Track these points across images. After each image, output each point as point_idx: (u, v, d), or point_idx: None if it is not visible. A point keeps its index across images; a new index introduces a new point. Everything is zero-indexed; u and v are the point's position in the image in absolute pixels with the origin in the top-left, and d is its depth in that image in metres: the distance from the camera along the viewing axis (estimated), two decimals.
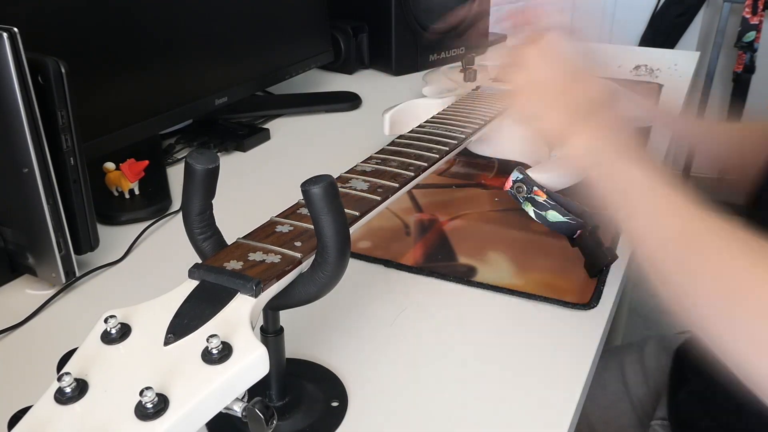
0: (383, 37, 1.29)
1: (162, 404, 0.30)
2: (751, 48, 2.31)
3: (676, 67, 1.33)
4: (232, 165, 0.93)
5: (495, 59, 0.76)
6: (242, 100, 1.04)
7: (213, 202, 0.43)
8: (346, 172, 0.57)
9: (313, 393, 0.51)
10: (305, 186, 0.38)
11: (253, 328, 0.36)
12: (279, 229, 0.46)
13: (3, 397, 0.51)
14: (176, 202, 0.82)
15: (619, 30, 2.80)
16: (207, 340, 0.33)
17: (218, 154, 0.95)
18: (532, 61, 0.59)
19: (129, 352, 0.34)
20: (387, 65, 1.31)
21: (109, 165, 0.82)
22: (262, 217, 0.48)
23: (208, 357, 0.33)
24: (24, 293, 0.65)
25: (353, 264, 0.67)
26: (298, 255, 0.42)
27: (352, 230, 0.45)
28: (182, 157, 0.96)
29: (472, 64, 1.08)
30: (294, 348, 0.54)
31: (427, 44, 1.32)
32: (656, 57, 1.39)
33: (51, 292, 0.64)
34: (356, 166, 0.59)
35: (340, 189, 0.50)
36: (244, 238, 0.44)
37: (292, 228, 0.46)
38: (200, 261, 0.42)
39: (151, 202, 0.81)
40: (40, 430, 0.29)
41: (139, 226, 0.76)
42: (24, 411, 0.30)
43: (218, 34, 0.97)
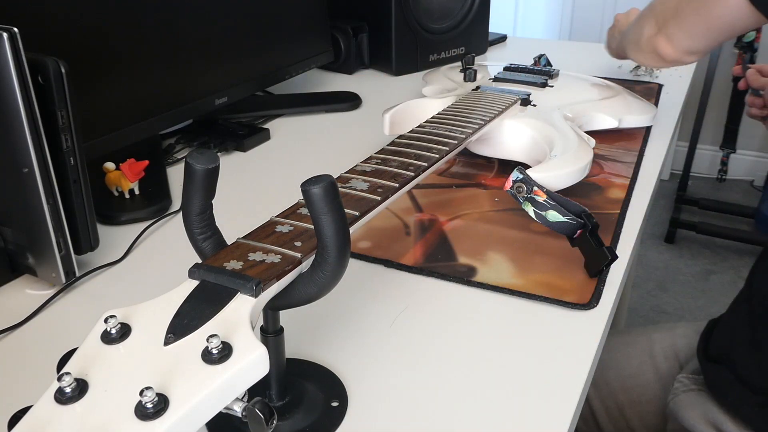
0: (383, 37, 1.29)
1: (162, 404, 0.30)
2: (751, 48, 2.31)
3: (676, 67, 1.33)
4: (232, 165, 0.93)
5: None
6: (242, 100, 1.04)
7: (213, 202, 0.43)
8: (346, 172, 0.57)
9: (313, 393, 0.51)
10: (305, 186, 0.38)
11: (253, 328, 0.36)
12: (279, 229, 0.46)
13: (3, 397, 0.51)
14: (176, 202, 0.82)
15: None
16: (207, 340, 0.33)
17: (218, 154, 0.95)
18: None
19: (129, 352, 0.34)
20: (387, 65, 1.31)
21: (109, 165, 0.82)
22: (262, 217, 0.48)
23: (208, 357, 0.33)
24: (24, 293, 0.65)
25: (353, 264, 0.67)
26: (298, 255, 0.42)
27: (352, 230, 0.46)
28: (182, 157, 0.96)
29: (472, 64, 1.08)
30: (294, 348, 0.54)
31: (427, 44, 1.32)
32: None
33: (51, 292, 0.64)
34: (356, 166, 0.59)
35: (340, 189, 0.50)
36: (244, 238, 0.44)
37: (292, 228, 0.46)
38: (200, 261, 0.42)
39: (151, 202, 0.81)
40: (40, 430, 0.29)
41: (139, 226, 0.76)
42: (24, 411, 0.30)
43: (218, 34, 0.97)
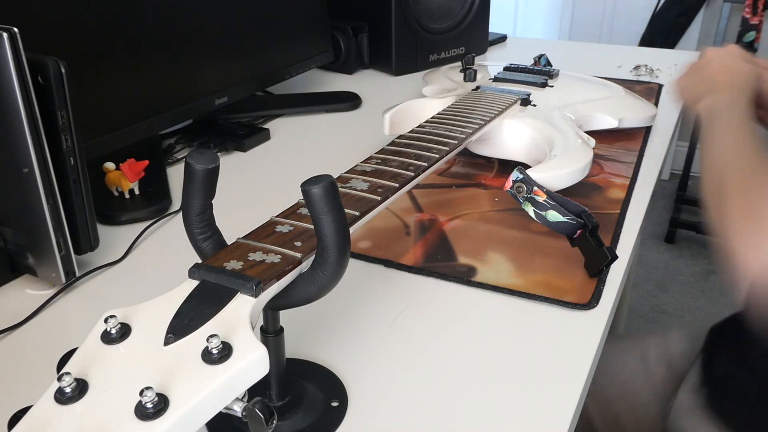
0: (383, 37, 1.29)
1: (162, 404, 0.30)
2: (751, 48, 2.32)
3: (676, 67, 1.33)
4: (232, 165, 0.93)
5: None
6: (242, 100, 1.04)
7: (213, 202, 0.43)
8: (346, 172, 0.57)
9: (313, 393, 0.51)
10: (305, 186, 0.38)
11: (253, 328, 0.36)
12: (279, 229, 0.46)
13: (3, 397, 0.51)
14: (176, 202, 0.82)
15: (619, 30, 2.81)
16: (207, 340, 0.33)
17: (218, 154, 0.95)
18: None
19: (129, 352, 0.34)
20: (387, 65, 1.31)
21: (109, 165, 0.82)
22: (262, 217, 0.48)
23: (208, 357, 0.33)
24: (24, 293, 0.65)
25: (353, 264, 0.67)
26: (298, 255, 0.42)
27: (352, 230, 0.46)
28: (182, 157, 0.96)
29: (472, 64, 1.08)
30: (294, 348, 0.54)
31: (427, 44, 1.32)
32: (656, 57, 1.39)
33: (51, 292, 0.64)
34: (356, 166, 0.59)
35: (340, 189, 0.50)
36: (244, 238, 0.44)
37: (292, 228, 0.46)
38: (200, 261, 0.42)
39: (151, 202, 0.81)
40: (40, 430, 0.29)
41: (139, 226, 0.76)
42: (24, 411, 0.30)
43: (218, 34, 0.97)
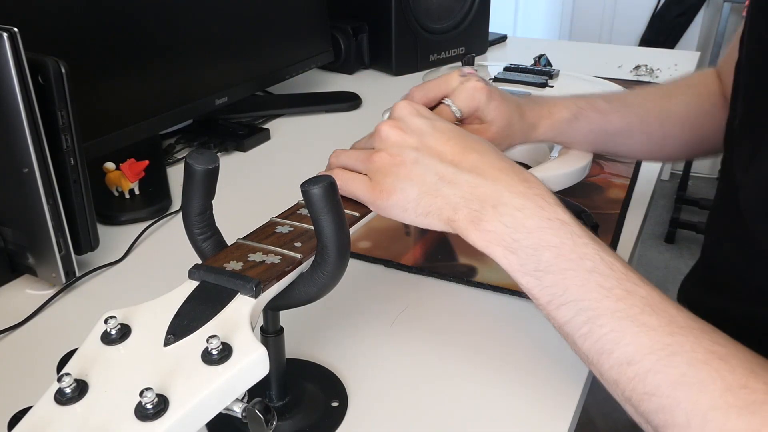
0: (383, 37, 1.29)
1: (162, 405, 0.30)
2: None
3: (676, 67, 1.33)
4: (232, 165, 0.93)
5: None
6: (242, 100, 1.04)
7: (213, 202, 0.43)
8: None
9: (313, 393, 0.51)
10: (305, 186, 0.38)
11: (253, 329, 0.36)
12: (279, 229, 0.46)
13: (3, 397, 0.51)
14: (176, 202, 0.82)
15: (619, 30, 2.81)
16: (207, 340, 0.33)
17: (218, 154, 0.95)
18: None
19: (129, 352, 0.34)
20: (387, 65, 1.31)
21: (109, 165, 0.82)
22: (262, 217, 0.48)
23: (208, 357, 0.33)
24: (24, 293, 0.65)
25: (353, 264, 0.67)
26: (298, 255, 0.42)
27: (352, 230, 0.45)
28: (182, 157, 0.96)
29: (472, 64, 1.08)
30: (294, 348, 0.54)
31: (427, 44, 1.32)
32: (656, 57, 1.39)
33: (51, 292, 0.64)
34: None
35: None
36: (244, 238, 0.44)
37: (292, 228, 0.46)
38: (200, 261, 0.42)
39: (151, 202, 0.81)
40: (40, 431, 0.29)
41: (139, 226, 0.76)
42: (24, 411, 0.30)
43: (218, 34, 0.97)
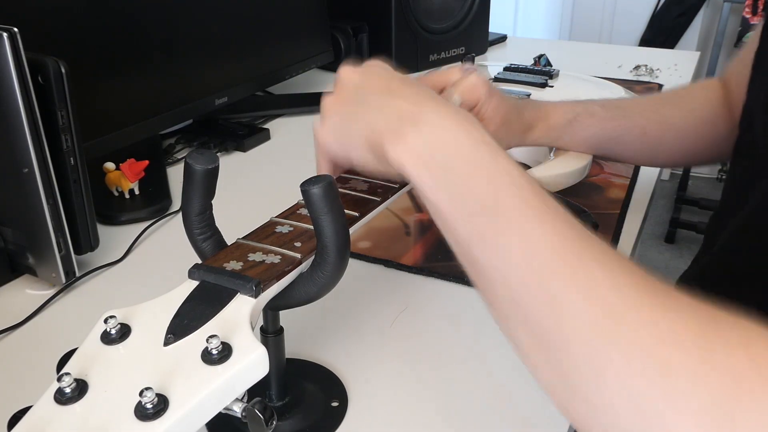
0: (383, 37, 1.29)
1: (162, 404, 0.30)
2: None
3: (676, 67, 1.33)
4: (232, 165, 0.93)
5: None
6: (242, 100, 1.04)
7: (213, 202, 0.43)
8: (345, 173, 0.57)
9: (313, 393, 0.51)
10: (305, 186, 0.38)
11: (253, 329, 0.36)
12: (279, 229, 0.46)
13: (3, 397, 0.51)
14: (176, 202, 0.82)
15: (619, 30, 2.81)
16: (207, 340, 0.33)
17: (218, 154, 0.95)
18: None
19: (129, 352, 0.34)
20: None
21: (109, 165, 0.82)
22: (262, 217, 0.48)
23: (207, 357, 0.33)
24: (24, 293, 0.65)
25: (353, 264, 0.67)
26: (298, 255, 0.42)
27: (352, 230, 0.45)
28: (182, 157, 0.96)
29: (472, 64, 1.08)
30: (294, 348, 0.54)
31: (427, 44, 1.32)
32: (656, 57, 1.39)
33: (51, 292, 0.64)
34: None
35: (339, 189, 0.50)
36: (244, 238, 0.44)
37: (291, 228, 0.46)
38: (200, 261, 0.42)
39: (151, 202, 0.81)
40: (39, 431, 0.29)
41: (139, 226, 0.76)
42: (24, 411, 0.30)
43: (218, 34, 0.97)
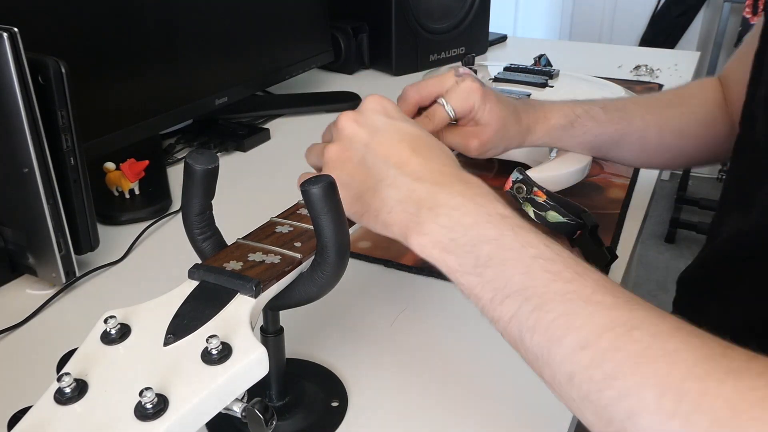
0: (383, 37, 1.29)
1: (162, 404, 0.30)
2: None
3: (676, 67, 1.33)
4: (232, 165, 0.93)
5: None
6: (242, 100, 1.04)
7: (213, 202, 0.43)
8: None
9: (313, 393, 0.51)
10: (305, 186, 0.38)
11: (252, 329, 0.36)
12: (279, 229, 0.46)
13: (3, 397, 0.51)
14: (176, 202, 0.82)
15: (619, 30, 2.81)
16: (207, 340, 0.33)
17: (218, 154, 0.95)
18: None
19: (129, 352, 0.34)
20: (387, 65, 1.31)
21: (109, 165, 0.82)
22: (262, 217, 0.48)
23: (207, 357, 0.33)
24: (24, 293, 0.65)
25: (353, 264, 0.67)
26: (298, 255, 0.42)
27: (352, 230, 0.45)
28: (182, 157, 0.96)
29: (472, 64, 1.08)
30: (294, 348, 0.54)
31: (427, 44, 1.32)
32: (656, 57, 1.39)
33: (51, 292, 0.64)
34: None
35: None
36: (244, 238, 0.44)
37: (291, 228, 0.46)
38: (200, 261, 0.42)
39: (151, 202, 0.81)
40: (39, 431, 0.29)
41: (139, 226, 0.76)
42: (24, 411, 0.30)
43: (218, 34, 0.97)
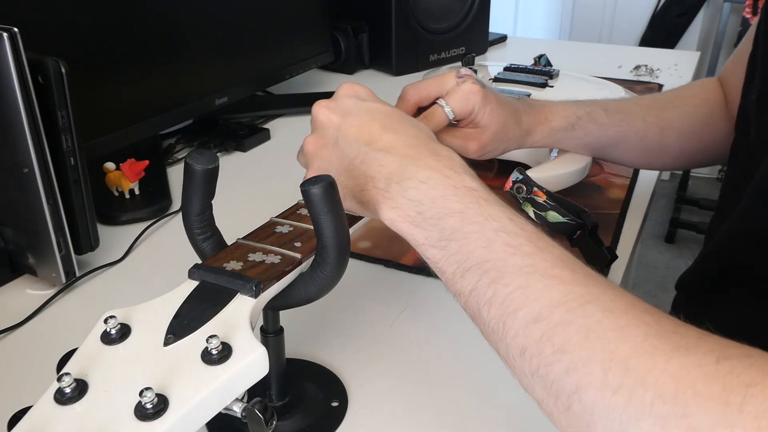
0: (383, 37, 1.29)
1: (162, 405, 0.30)
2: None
3: (676, 67, 1.33)
4: (232, 165, 0.93)
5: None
6: (242, 100, 1.04)
7: (213, 202, 0.43)
8: None
9: (313, 393, 0.51)
10: (305, 186, 0.38)
11: (253, 329, 0.36)
12: (279, 229, 0.46)
13: (3, 397, 0.51)
14: (176, 202, 0.82)
15: (619, 30, 2.81)
16: (207, 340, 0.33)
17: (218, 154, 0.95)
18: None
19: (129, 352, 0.34)
20: (387, 65, 1.31)
21: (109, 165, 0.82)
22: (262, 217, 0.48)
23: (207, 357, 0.33)
24: (24, 293, 0.65)
25: (353, 264, 0.67)
26: (298, 255, 0.42)
27: (352, 230, 0.45)
28: (182, 157, 0.96)
29: (472, 64, 1.08)
30: (294, 348, 0.54)
31: (427, 44, 1.32)
32: (656, 57, 1.39)
33: (51, 292, 0.64)
34: None
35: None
36: (244, 238, 0.44)
37: (292, 228, 0.46)
38: (200, 261, 0.42)
39: (151, 202, 0.81)
40: (39, 431, 0.29)
41: (139, 226, 0.76)
42: (24, 411, 0.31)
43: (218, 34, 0.97)
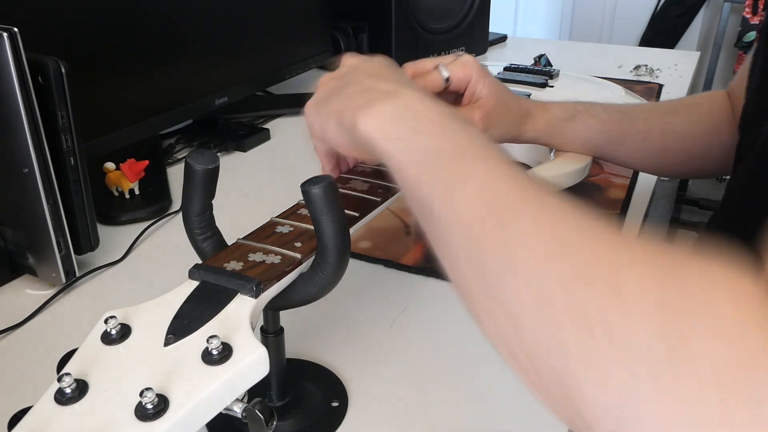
0: (383, 37, 1.29)
1: (162, 405, 0.30)
2: (751, 48, 2.32)
3: (676, 67, 1.33)
4: (232, 165, 0.93)
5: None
6: (242, 100, 1.04)
7: (213, 202, 0.43)
8: (346, 173, 0.57)
9: (313, 393, 0.51)
10: (305, 186, 0.38)
11: (253, 329, 0.36)
12: (279, 229, 0.46)
13: (3, 397, 0.51)
14: (176, 202, 0.82)
15: (619, 30, 2.81)
16: (207, 340, 0.33)
17: (218, 154, 0.95)
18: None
19: (129, 352, 0.34)
20: None
21: (109, 165, 0.82)
22: (262, 217, 0.48)
23: (208, 358, 0.33)
24: (24, 293, 0.65)
25: (353, 264, 0.67)
26: (298, 255, 0.42)
27: (352, 230, 0.45)
28: (182, 157, 0.96)
29: None
30: (294, 348, 0.54)
31: (427, 44, 1.32)
32: (656, 57, 1.39)
33: (51, 292, 0.64)
34: (356, 166, 0.59)
35: (340, 189, 0.50)
36: (245, 238, 0.44)
37: (292, 228, 0.46)
38: (200, 261, 0.42)
39: (151, 202, 0.81)
40: (40, 431, 0.29)
41: (139, 226, 0.76)
42: (24, 411, 0.30)
43: (218, 34, 0.97)
